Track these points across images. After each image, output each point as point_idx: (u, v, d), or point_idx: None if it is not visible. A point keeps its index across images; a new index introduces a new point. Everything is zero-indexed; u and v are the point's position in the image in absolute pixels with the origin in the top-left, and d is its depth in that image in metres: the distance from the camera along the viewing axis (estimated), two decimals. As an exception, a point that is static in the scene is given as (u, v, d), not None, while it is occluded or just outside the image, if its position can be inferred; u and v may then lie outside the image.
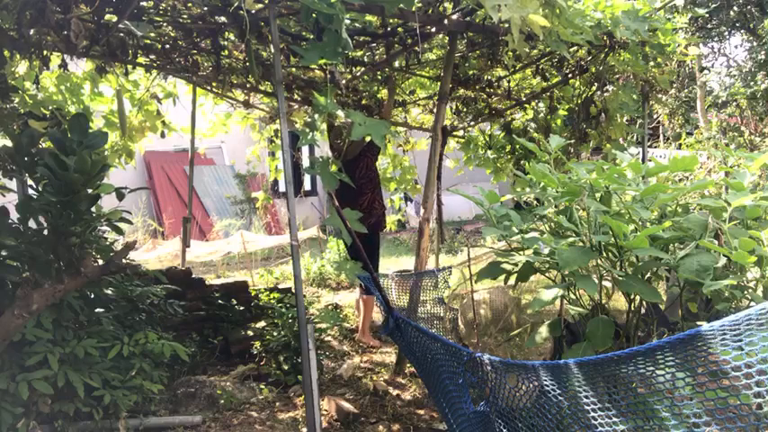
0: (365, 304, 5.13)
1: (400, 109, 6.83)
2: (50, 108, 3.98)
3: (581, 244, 2.39)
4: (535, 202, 3.04)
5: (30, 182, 3.07)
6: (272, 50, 2.86)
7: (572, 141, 4.84)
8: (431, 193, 4.10)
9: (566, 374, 1.80)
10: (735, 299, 2.20)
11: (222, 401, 3.86)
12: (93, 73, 4.64)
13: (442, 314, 4.25)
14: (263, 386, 4.16)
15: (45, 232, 2.96)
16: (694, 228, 2.32)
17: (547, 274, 2.72)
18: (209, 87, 5.31)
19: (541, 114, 5.79)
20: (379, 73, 5.44)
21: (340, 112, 2.63)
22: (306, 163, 11.16)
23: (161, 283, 4.14)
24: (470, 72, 5.25)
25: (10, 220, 2.97)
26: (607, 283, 2.61)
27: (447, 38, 4.26)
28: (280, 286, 5.78)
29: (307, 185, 13.29)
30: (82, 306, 3.26)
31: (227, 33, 4.12)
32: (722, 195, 2.36)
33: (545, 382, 1.86)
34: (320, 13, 2.43)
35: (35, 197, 2.92)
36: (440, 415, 3.58)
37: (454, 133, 6.63)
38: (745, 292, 2.20)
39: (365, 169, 4.94)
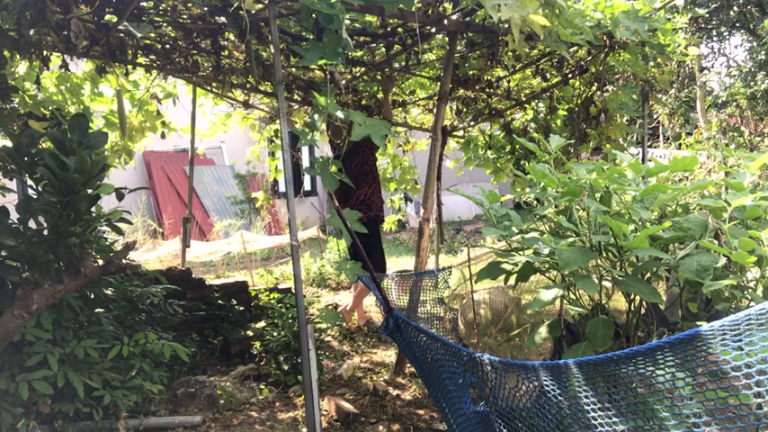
0: (360, 288, 5.27)
1: (400, 109, 6.83)
2: (50, 108, 3.99)
3: (581, 244, 2.39)
4: (535, 202, 3.04)
5: (30, 182, 3.07)
6: (272, 51, 2.86)
7: (572, 141, 4.84)
8: (431, 193, 4.09)
9: (566, 374, 1.80)
10: (735, 299, 2.20)
11: (222, 401, 3.86)
12: (93, 73, 4.64)
13: (442, 314, 4.24)
14: (263, 386, 4.16)
15: (45, 232, 2.96)
16: (694, 228, 2.32)
17: (547, 274, 2.72)
18: (209, 87, 5.31)
19: (541, 114, 5.79)
20: (378, 73, 5.44)
21: (340, 113, 2.63)
22: (306, 163, 11.17)
23: (161, 283, 4.14)
24: (470, 72, 5.25)
25: (10, 220, 2.97)
26: (607, 283, 2.60)
27: (447, 38, 4.26)
28: (280, 286, 5.79)
29: (307, 185, 13.30)
30: (82, 306, 3.27)
31: (227, 33, 4.12)
32: (722, 195, 2.36)
33: (545, 383, 1.86)
34: (320, 13, 2.43)
35: (35, 197, 2.92)
36: (440, 415, 3.58)
37: (454, 133, 6.63)
38: (745, 292, 2.20)
39: (361, 164, 5.11)
